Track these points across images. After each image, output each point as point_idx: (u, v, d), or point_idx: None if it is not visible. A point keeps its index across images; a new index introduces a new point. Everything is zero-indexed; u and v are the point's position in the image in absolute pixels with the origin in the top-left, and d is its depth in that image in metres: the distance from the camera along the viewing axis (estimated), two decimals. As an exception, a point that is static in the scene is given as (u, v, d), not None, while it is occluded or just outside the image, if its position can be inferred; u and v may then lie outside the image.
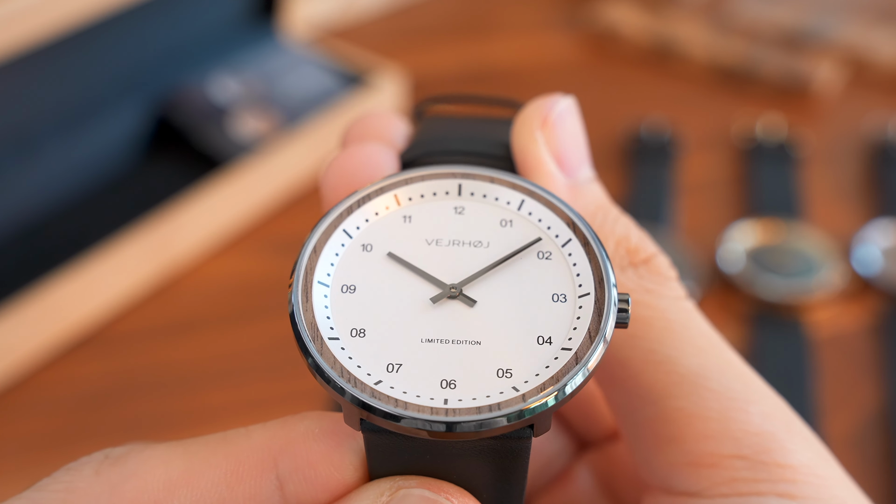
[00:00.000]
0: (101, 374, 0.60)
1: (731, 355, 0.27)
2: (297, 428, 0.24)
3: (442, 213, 0.26)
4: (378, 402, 0.23)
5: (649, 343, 0.26)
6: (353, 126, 0.30)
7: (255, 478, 0.24)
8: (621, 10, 0.91)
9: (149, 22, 0.71)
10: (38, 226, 0.66)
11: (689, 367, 0.26)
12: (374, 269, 0.25)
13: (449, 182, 0.27)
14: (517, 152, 0.28)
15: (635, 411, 0.27)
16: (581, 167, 0.28)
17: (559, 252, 0.25)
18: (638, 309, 0.27)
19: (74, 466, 0.24)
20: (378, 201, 0.26)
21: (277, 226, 0.71)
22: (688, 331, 0.27)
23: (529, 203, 0.26)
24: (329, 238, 0.26)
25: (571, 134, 0.28)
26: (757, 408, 0.26)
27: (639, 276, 0.27)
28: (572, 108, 0.29)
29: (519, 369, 0.23)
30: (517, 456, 0.24)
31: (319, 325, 0.24)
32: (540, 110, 0.28)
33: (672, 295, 0.27)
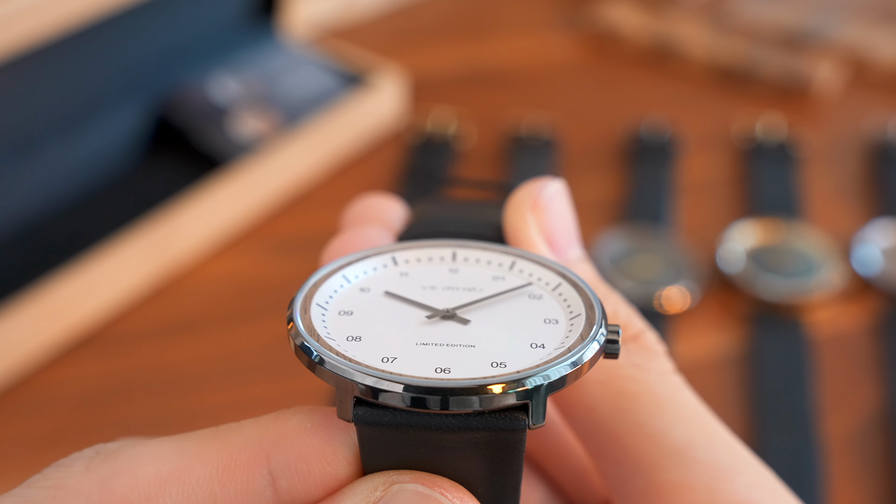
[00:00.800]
0: (101, 374, 0.60)
1: (718, 426, 0.28)
2: (290, 422, 0.24)
3: (437, 271, 0.28)
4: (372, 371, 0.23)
5: (638, 416, 0.27)
6: (351, 210, 0.31)
7: (246, 473, 0.23)
8: (621, 10, 0.91)
9: (149, 22, 0.71)
10: (38, 226, 0.66)
11: (678, 440, 0.27)
12: (372, 301, 0.27)
13: (444, 250, 0.29)
14: (509, 233, 0.29)
15: (626, 483, 0.28)
16: (571, 247, 0.30)
17: (549, 294, 0.27)
18: (627, 384, 0.28)
19: (65, 463, 0.24)
20: (377, 260, 0.28)
21: (277, 226, 0.71)
22: (675, 404, 0.28)
23: (520, 263, 0.28)
24: (328, 279, 0.27)
25: (561, 216, 0.30)
26: (742, 478, 0.27)
27: (628, 352, 0.28)
28: (562, 191, 0.30)
29: (513, 363, 0.24)
30: (512, 448, 0.24)
31: (317, 328, 0.25)
32: (531, 193, 0.29)
33: (660, 369, 0.28)
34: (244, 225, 0.70)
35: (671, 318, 0.63)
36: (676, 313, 0.64)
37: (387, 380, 0.23)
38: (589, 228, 0.69)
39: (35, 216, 0.66)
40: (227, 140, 0.72)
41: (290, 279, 0.67)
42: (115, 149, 0.72)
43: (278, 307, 0.65)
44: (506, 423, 0.23)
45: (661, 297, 0.64)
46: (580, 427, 0.29)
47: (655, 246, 0.67)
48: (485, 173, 0.76)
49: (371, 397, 0.23)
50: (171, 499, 0.23)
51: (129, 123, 0.72)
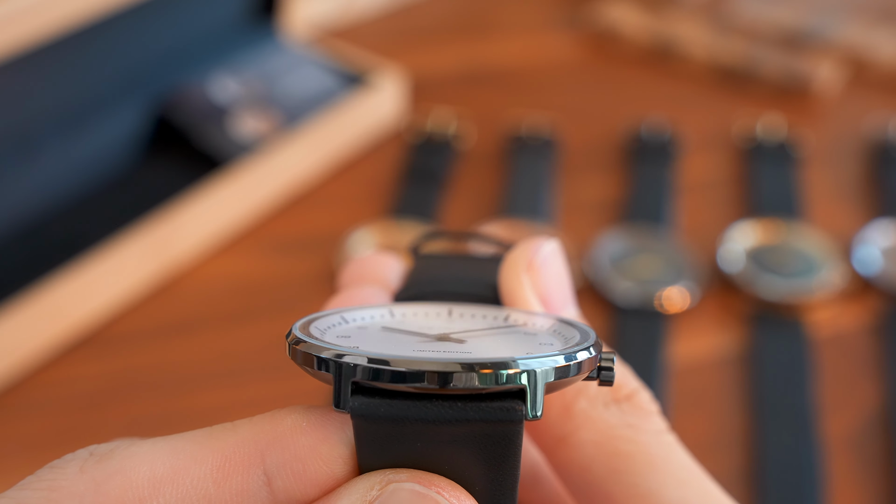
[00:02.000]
0: (101, 374, 0.60)
1: (712, 486, 0.28)
2: (285, 422, 0.24)
3: (433, 320, 0.29)
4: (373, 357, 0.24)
5: (632, 477, 0.28)
6: (348, 269, 0.32)
7: (241, 473, 0.23)
8: (621, 10, 0.91)
9: (149, 22, 0.71)
10: (38, 226, 0.66)
11: (671, 500, 0.27)
12: (370, 332, 0.27)
13: (440, 308, 0.29)
14: (504, 293, 0.30)
15: None
16: (565, 307, 0.30)
17: (545, 332, 0.27)
18: (621, 444, 0.28)
19: (58, 464, 0.23)
20: (374, 311, 0.29)
21: (277, 226, 0.71)
22: (669, 464, 0.28)
23: (514, 316, 0.29)
24: (326, 317, 0.27)
25: (556, 276, 0.30)
26: None
27: (622, 412, 0.28)
28: (556, 252, 0.30)
29: None
30: (510, 442, 0.24)
31: (314, 335, 0.25)
32: (525, 254, 0.30)
33: (654, 429, 0.28)
34: (244, 225, 0.70)
35: (671, 318, 0.63)
36: (676, 313, 0.64)
37: (385, 359, 0.23)
38: (589, 228, 0.69)
39: (35, 216, 0.66)
40: (227, 140, 0.72)
41: (290, 279, 0.67)
42: (115, 149, 0.72)
43: (278, 307, 0.65)
44: (503, 414, 0.23)
45: (661, 297, 0.64)
46: (574, 487, 0.29)
47: (655, 246, 0.67)
48: (485, 173, 0.76)
49: (370, 378, 0.23)
50: (166, 499, 0.23)
51: (129, 123, 0.72)
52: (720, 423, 0.57)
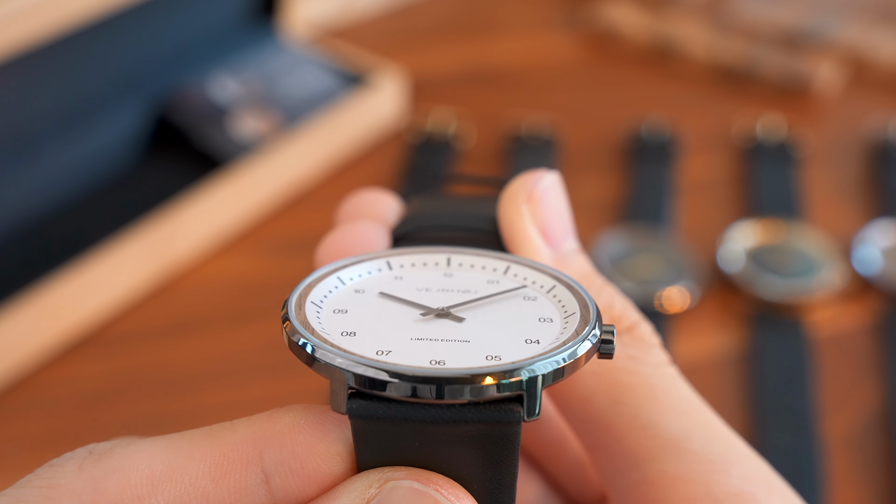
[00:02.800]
0: (101, 374, 0.60)
1: (713, 418, 0.28)
2: (283, 420, 0.24)
3: (431, 276, 0.28)
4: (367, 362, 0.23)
5: (633, 408, 0.27)
6: (345, 205, 0.32)
7: (239, 471, 0.23)
8: (621, 10, 0.91)
9: (149, 22, 0.71)
10: (38, 226, 0.66)
11: (672, 431, 0.27)
12: (367, 301, 0.27)
13: (439, 255, 0.29)
14: (504, 226, 0.29)
15: (621, 475, 0.28)
16: (566, 239, 0.30)
17: (544, 296, 0.27)
18: (622, 375, 0.28)
19: (57, 462, 0.24)
20: (371, 264, 0.28)
21: (277, 226, 0.71)
22: (670, 396, 0.28)
23: (515, 268, 0.28)
24: (323, 280, 0.27)
25: (556, 208, 0.30)
26: (737, 469, 0.27)
27: (622, 344, 0.28)
28: (557, 183, 0.30)
29: (508, 357, 0.24)
30: (507, 442, 0.24)
31: (312, 324, 0.25)
32: (525, 186, 0.29)
33: (655, 361, 0.28)
34: (244, 225, 0.70)
35: (671, 318, 0.63)
36: (676, 313, 0.64)
37: (381, 369, 0.23)
38: (589, 228, 0.69)
39: (35, 216, 0.66)
40: (227, 140, 0.72)
41: (290, 279, 0.67)
42: (115, 149, 0.72)
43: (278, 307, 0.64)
44: (501, 416, 0.23)
45: (661, 297, 0.64)
46: (575, 419, 0.29)
47: (655, 246, 0.67)
48: (485, 173, 0.76)
49: (365, 387, 0.23)
50: (164, 498, 0.23)
51: (129, 123, 0.72)
52: (720, 423, 0.57)
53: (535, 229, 0.29)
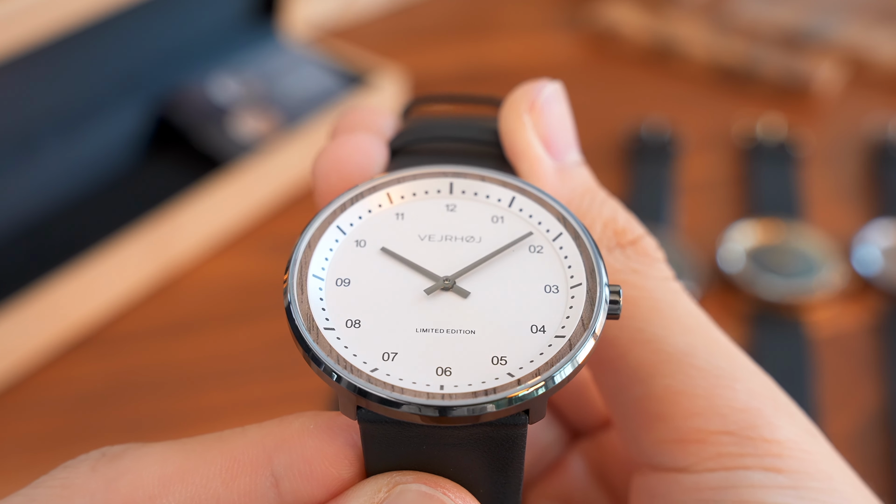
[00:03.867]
0: (101, 374, 0.60)
1: (718, 334, 0.27)
2: (293, 425, 0.24)
3: (434, 210, 0.27)
4: (374, 388, 0.23)
5: (637, 322, 0.27)
6: (342, 118, 0.31)
7: (250, 474, 0.24)
8: (621, 10, 0.91)
9: (149, 22, 0.71)
10: (38, 226, 0.66)
11: (677, 346, 0.27)
12: (369, 263, 0.26)
13: (441, 181, 0.27)
14: (505, 136, 0.28)
15: (624, 391, 0.28)
16: (569, 150, 0.29)
17: (550, 245, 0.26)
18: (626, 289, 0.27)
19: (72, 464, 0.24)
20: (371, 199, 0.27)
21: (277, 226, 0.71)
22: (675, 310, 0.27)
23: (520, 200, 0.27)
24: (323, 234, 0.26)
25: (559, 118, 0.29)
26: (743, 385, 0.26)
27: (626, 258, 0.27)
28: (559, 93, 0.29)
29: (513, 357, 0.24)
30: (514, 445, 0.24)
31: (315, 315, 0.24)
32: (527, 95, 0.29)
33: (659, 276, 0.28)
34: (244, 225, 0.70)
35: (671, 318, 0.63)
36: (676, 313, 0.64)
37: (389, 399, 0.23)
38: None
39: (35, 216, 0.66)
40: (227, 140, 0.72)
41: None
42: (115, 149, 0.72)
43: (278, 307, 0.65)
44: (506, 420, 0.23)
45: (661, 297, 0.64)
46: None
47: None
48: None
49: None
50: (175, 499, 0.23)
51: (130, 123, 0.72)
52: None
53: (537, 139, 0.28)
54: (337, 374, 0.23)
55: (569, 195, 0.28)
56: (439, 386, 0.23)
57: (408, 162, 0.28)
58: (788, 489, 0.25)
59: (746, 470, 0.26)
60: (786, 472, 0.26)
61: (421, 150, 0.29)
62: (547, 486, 0.32)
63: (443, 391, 0.23)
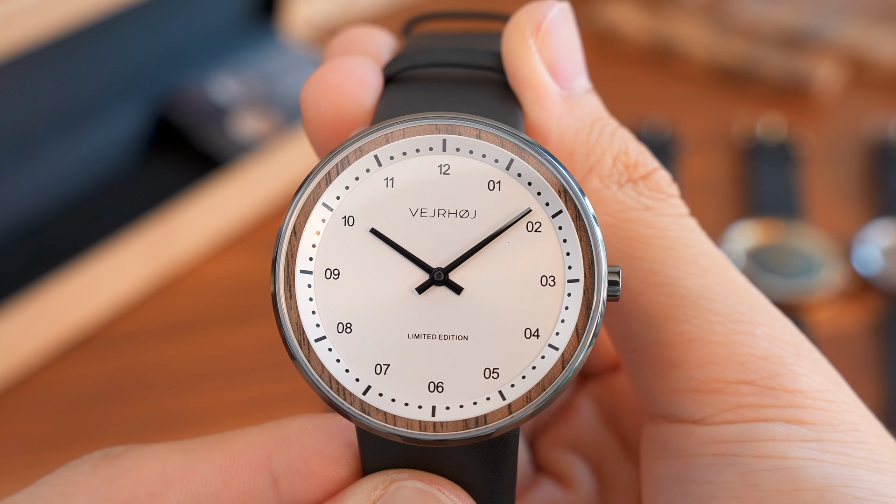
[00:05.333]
0: (101, 374, 0.60)
1: (736, 275, 0.25)
2: (291, 426, 0.24)
3: (426, 173, 0.24)
4: (367, 418, 0.23)
5: (649, 263, 0.25)
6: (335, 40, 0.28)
7: (249, 473, 0.24)
8: (621, 10, 0.91)
9: (149, 22, 0.71)
10: (38, 226, 0.66)
11: (692, 289, 0.25)
12: (358, 249, 0.24)
13: (433, 137, 0.25)
14: (508, 62, 0.26)
15: (634, 336, 0.26)
16: (577, 77, 0.27)
17: (549, 224, 0.24)
18: (637, 227, 0.25)
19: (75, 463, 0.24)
20: (357, 165, 0.24)
21: (277, 226, 0.71)
22: (690, 250, 0.25)
23: (518, 163, 0.24)
24: (309, 214, 0.25)
25: (567, 41, 0.27)
26: (763, 330, 0.25)
27: (638, 193, 0.26)
28: (567, 13, 0.27)
29: (505, 369, 0.24)
30: (506, 447, 0.24)
31: (305, 325, 0.24)
32: (533, 16, 0.26)
33: (673, 213, 0.26)
34: (244, 225, 0.70)
35: (671, 318, 0.63)
36: (676, 313, 0.64)
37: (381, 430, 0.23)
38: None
39: (35, 216, 0.66)
40: (227, 140, 0.72)
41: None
42: (115, 149, 0.72)
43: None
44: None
45: (661, 297, 0.64)
46: None
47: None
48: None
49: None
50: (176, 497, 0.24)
51: (130, 123, 0.72)
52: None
53: (542, 65, 0.26)
54: (331, 400, 0.23)
55: (576, 126, 0.26)
56: (431, 408, 0.23)
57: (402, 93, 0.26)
58: (812, 442, 0.24)
59: (767, 422, 0.24)
60: (808, 424, 0.24)
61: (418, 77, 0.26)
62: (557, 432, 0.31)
63: (434, 419, 0.23)
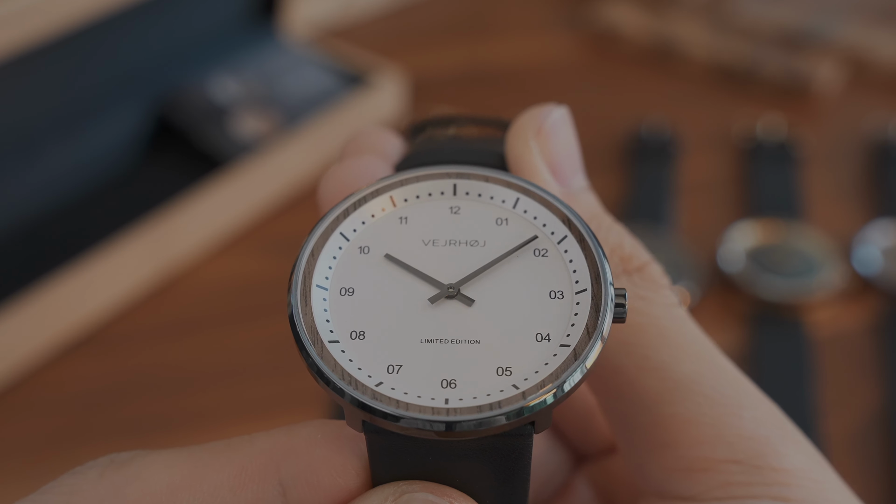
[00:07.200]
0: (101, 374, 0.60)
1: (724, 361, 0.27)
2: (300, 434, 0.24)
3: (438, 213, 0.27)
4: (379, 404, 0.23)
5: (644, 349, 0.27)
6: (349, 141, 0.31)
7: (257, 483, 0.24)
8: (621, 10, 0.91)
9: (149, 22, 0.71)
10: (38, 226, 0.66)
11: (683, 374, 0.27)
12: (372, 271, 0.26)
13: (444, 182, 0.27)
14: (512, 161, 0.28)
15: (630, 418, 0.28)
16: (575, 176, 0.29)
17: (555, 249, 0.26)
18: (632, 316, 0.27)
19: (80, 470, 0.24)
20: (374, 203, 0.27)
21: (277, 226, 0.71)
22: (681, 337, 0.27)
23: (524, 201, 0.27)
24: (326, 241, 0.26)
25: (565, 143, 0.29)
26: (750, 413, 0.26)
27: (633, 284, 0.27)
28: (566, 118, 0.29)
29: (518, 367, 0.24)
30: (520, 456, 0.24)
31: (319, 328, 0.24)
32: (534, 120, 0.28)
33: (665, 302, 0.28)
34: (244, 225, 0.70)
35: (671, 318, 0.63)
36: (676, 313, 0.64)
37: (393, 415, 0.23)
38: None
39: (35, 216, 0.66)
40: (227, 140, 0.72)
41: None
42: (115, 149, 0.72)
43: (278, 307, 0.65)
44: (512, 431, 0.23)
45: (661, 297, 0.64)
46: None
47: (655, 246, 0.67)
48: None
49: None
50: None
51: (130, 123, 0.72)
52: (720, 423, 0.57)
53: (544, 164, 0.28)
54: (341, 389, 0.23)
55: None
56: (444, 400, 0.23)
57: None
58: None
59: (755, 499, 0.25)
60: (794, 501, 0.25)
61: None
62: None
63: (447, 406, 0.23)
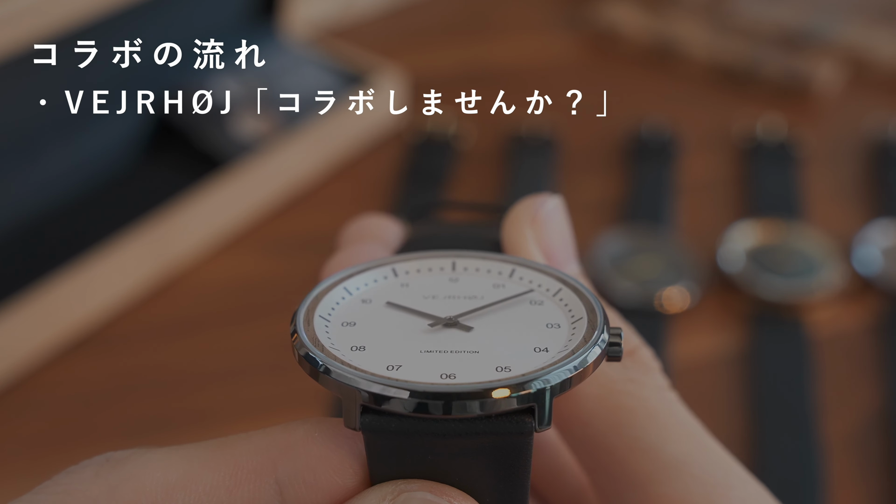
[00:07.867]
0: (101, 374, 0.60)
1: (712, 443, 0.28)
2: (297, 432, 0.24)
3: (437, 280, 0.28)
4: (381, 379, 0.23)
5: (634, 431, 0.28)
6: (347, 229, 0.32)
7: (254, 482, 0.24)
8: (621, 10, 0.91)
9: (149, 22, 0.71)
10: (38, 226, 0.66)
11: (673, 455, 0.27)
12: (374, 313, 0.27)
13: (444, 260, 0.29)
14: (508, 247, 0.30)
15: (621, 498, 0.28)
16: (569, 263, 0.30)
17: (550, 299, 0.27)
18: (623, 399, 0.28)
19: (75, 469, 0.24)
20: (377, 272, 0.28)
21: (277, 226, 0.71)
22: (671, 419, 0.28)
23: (521, 271, 0.28)
24: (330, 291, 0.27)
25: (560, 231, 0.30)
26: (737, 493, 0.27)
27: (623, 367, 0.28)
28: (560, 207, 0.30)
29: (517, 367, 0.24)
30: (519, 453, 0.24)
31: (321, 340, 0.25)
32: (529, 209, 0.30)
33: (656, 385, 0.29)
34: (244, 225, 0.70)
35: (671, 318, 0.63)
36: (676, 313, 0.64)
37: (391, 386, 0.23)
38: (589, 229, 0.69)
39: (35, 216, 0.66)
40: (227, 140, 0.72)
41: (290, 279, 0.67)
42: (115, 149, 0.72)
43: (278, 307, 0.65)
44: (512, 427, 0.23)
45: (661, 297, 0.64)
46: (576, 442, 0.29)
47: (655, 246, 0.67)
48: (485, 173, 0.76)
49: (376, 404, 0.23)
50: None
51: (129, 123, 0.72)
52: (720, 423, 0.57)
53: (538, 252, 0.29)
54: (340, 372, 0.23)
55: None
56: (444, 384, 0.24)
57: None
58: None
59: None
60: None
61: None
62: None
63: (448, 381, 0.23)
